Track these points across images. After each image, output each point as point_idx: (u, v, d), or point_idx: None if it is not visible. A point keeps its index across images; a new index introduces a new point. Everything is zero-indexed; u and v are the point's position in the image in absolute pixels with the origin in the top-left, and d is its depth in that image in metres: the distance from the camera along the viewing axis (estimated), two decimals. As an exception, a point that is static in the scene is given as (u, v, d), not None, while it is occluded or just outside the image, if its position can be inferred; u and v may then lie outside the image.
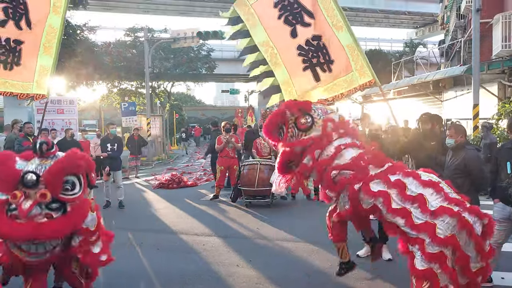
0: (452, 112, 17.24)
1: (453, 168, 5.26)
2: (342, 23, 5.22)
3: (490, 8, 16.04)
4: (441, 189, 3.83)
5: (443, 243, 3.54)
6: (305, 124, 4.46)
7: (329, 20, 5.28)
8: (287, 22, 5.52)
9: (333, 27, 5.26)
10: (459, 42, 21.30)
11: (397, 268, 5.48)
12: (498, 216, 4.86)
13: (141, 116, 22.70)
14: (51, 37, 6.32)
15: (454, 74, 16.06)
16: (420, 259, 3.60)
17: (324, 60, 5.40)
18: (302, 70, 5.52)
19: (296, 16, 5.48)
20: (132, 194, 11.67)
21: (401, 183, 3.87)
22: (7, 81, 6.36)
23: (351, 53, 5.21)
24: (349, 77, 5.25)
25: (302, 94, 5.49)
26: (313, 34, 5.43)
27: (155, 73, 29.34)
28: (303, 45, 5.48)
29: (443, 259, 3.54)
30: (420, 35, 50.85)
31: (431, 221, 3.61)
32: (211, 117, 55.86)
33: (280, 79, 5.67)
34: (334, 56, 5.34)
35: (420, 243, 3.61)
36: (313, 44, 5.44)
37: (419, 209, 3.69)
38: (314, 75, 5.47)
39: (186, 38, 21.49)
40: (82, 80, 23.25)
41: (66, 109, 15.21)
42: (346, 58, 5.24)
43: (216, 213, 9.28)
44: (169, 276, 5.50)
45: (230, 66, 42.95)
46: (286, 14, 5.51)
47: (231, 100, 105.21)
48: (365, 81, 5.17)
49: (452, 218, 3.60)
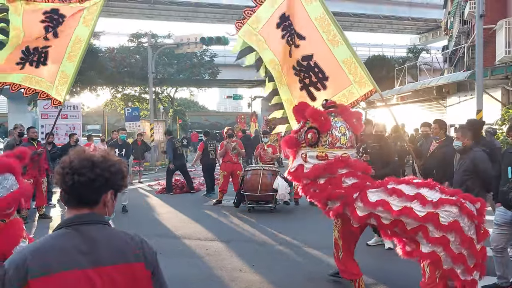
0: (455, 117, 17.19)
1: (462, 170, 5.27)
2: (339, 37, 5.22)
3: (494, 13, 16.06)
4: (435, 185, 4.15)
5: (446, 229, 3.81)
6: (308, 141, 4.61)
7: (325, 36, 5.29)
8: (287, 43, 5.63)
9: (329, 43, 5.27)
10: (462, 47, 21.30)
11: (400, 275, 5.46)
12: (499, 220, 4.86)
13: (144, 121, 22.76)
14: (77, 47, 6.76)
15: (457, 79, 16.05)
16: (425, 244, 3.88)
17: (317, 79, 5.45)
18: (299, 89, 5.64)
19: (292, 36, 5.57)
20: (136, 199, 11.67)
21: (396, 189, 4.16)
22: (33, 77, 6.88)
23: (347, 67, 5.22)
24: (348, 91, 5.27)
25: None
26: (302, 54, 5.50)
27: (158, 78, 29.41)
28: (295, 66, 5.59)
29: (446, 242, 3.80)
30: (424, 40, 50.87)
31: (434, 211, 3.88)
32: (215, 122, 56.16)
33: (284, 97, 5.84)
34: (328, 73, 5.37)
35: (424, 231, 3.88)
36: (303, 64, 5.52)
37: (420, 204, 3.96)
38: (309, 95, 5.55)
39: (189, 44, 21.59)
40: (86, 86, 23.37)
41: (70, 114, 15.26)
42: (343, 73, 5.25)
43: (219, 218, 9.28)
44: (171, 281, 5.45)
45: (233, 71, 43.03)
46: (287, 35, 5.60)
47: (234, 105, 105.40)
48: (366, 91, 5.18)
49: (453, 206, 3.89)
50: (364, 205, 4.24)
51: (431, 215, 3.88)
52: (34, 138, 9.33)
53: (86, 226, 1.67)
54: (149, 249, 1.75)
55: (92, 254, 1.60)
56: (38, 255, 1.56)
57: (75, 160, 1.68)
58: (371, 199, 4.22)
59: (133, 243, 1.72)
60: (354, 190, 4.33)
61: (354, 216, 4.33)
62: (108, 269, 1.60)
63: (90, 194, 1.68)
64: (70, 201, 1.70)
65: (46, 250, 1.59)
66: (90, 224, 1.67)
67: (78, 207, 1.69)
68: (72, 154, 1.72)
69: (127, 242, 1.71)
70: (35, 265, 1.53)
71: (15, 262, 1.56)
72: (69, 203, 1.71)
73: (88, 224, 1.67)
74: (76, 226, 1.66)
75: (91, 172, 1.66)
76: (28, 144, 9.10)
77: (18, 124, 10.33)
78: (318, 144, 4.60)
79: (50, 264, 1.54)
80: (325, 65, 5.37)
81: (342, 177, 4.45)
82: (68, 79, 6.72)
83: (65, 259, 1.57)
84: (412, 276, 5.41)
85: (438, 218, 3.85)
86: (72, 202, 1.69)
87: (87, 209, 1.69)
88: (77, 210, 1.69)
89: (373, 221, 4.32)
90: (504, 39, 14.60)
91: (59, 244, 1.61)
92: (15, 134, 9.85)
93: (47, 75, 6.83)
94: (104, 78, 25.70)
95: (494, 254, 4.93)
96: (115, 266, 1.62)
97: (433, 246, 3.85)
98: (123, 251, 1.67)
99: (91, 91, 26.23)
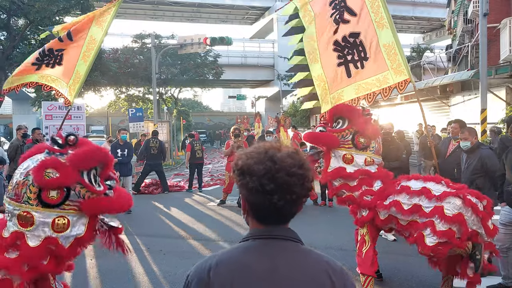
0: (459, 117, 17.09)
1: (471, 169, 5.26)
2: (385, 20, 5.17)
3: (498, 12, 15.98)
4: (441, 179, 4.30)
5: (451, 220, 3.91)
6: (359, 144, 4.68)
7: (373, 16, 5.26)
8: (335, 21, 5.64)
9: (375, 24, 5.23)
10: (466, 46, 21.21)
11: (403, 275, 5.45)
12: (504, 220, 4.84)
13: (148, 122, 22.79)
14: (91, 47, 6.96)
15: (461, 78, 15.98)
16: (431, 237, 3.96)
17: (358, 57, 5.42)
18: (337, 65, 5.60)
19: (342, 13, 5.57)
20: (139, 199, 11.69)
21: (405, 187, 4.33)
22: (49, 76, 7.15)
23: (387, 52, 5.13)
24: (383, 76, 5.18)
25: (334, 92, 5.62)
26: (350, 31, 5.46)
27: (162, 79, 29.45)
28: (339, 41, 5.55)
29: (452, 234, 3.90)
30: (427, 40, 50.77)
31: (439, 204, 4.01)
32: (218, 122, 56.23)
33: (315, 74, 5.84)
34: (369, 54, 5.34)
35: (431, 225, 3.97)
36: (349, 41, 5.47)
37: (426, 199, 4.10)
38: (346, 71, 5.53)
39: (193, 44, 21.57)
40: (90, 87, 23.41)
41: (74, 115, 15.28)
42: (382, 57, 5.19)
43: (223, 218, 9.28)
44: (175, 281, 5.50)
45: (237, 71, 43.12)
46: (336, 13, 5.63)
47: (238, 106, 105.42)
48: (400, 80, 5.06)
49: (456, 198, 4.00)
50: (381, 208, 4.40)
51: (436, 209, 4.00)
52: (38, 140, 9.35)
53: (280, 242, 1.43)
54: (349, 278, 1.46)
55: (282, 279, 1.37)
56: (223, 269, 1.38)
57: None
58: (385, 202, 4.37)
59: (331, 269, 1.43)
60: (379, 198, 4.47)
61: (377, 222, 4.52)
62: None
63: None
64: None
65: (233, 264, 1.40)
66: (284, 240, 1.44)
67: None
68: None
69: (324, 269, 1.43)
70: (218, 280, 1.36)
71: (199, 274, 1.41)
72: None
73: (281, 240, 1.44)
74: (264, 240, 1.43)
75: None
76: (32, 145, 9.11)
77: (22, 125, 10.37)
78: (367, 149, 4.66)
79: (236, 283, 1.36)
80: (368, 45, 5.35)
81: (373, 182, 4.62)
82: (80, 79, 6.87)
83: (252, 280, 1.36)
84: (408, 272, 5.41)
85: (443, 210, 3.95)
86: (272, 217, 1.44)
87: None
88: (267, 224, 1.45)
89: (394, 225, 4.44)
90: (508, 38, 14.53)
91: (248, 260, 1.40)
92: (18, 135, 9.88)
93: (62, 74, 7.08)
94: (108, 79, 25.74)
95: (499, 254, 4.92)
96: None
97: (439, 238, 3.92)
98: (319, 279, 1.40)
99: (95, 92, 26.28)
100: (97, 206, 2.95)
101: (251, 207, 1.44)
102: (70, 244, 2.92)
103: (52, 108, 14.68)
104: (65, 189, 2.84)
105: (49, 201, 2.81)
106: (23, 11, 18.06)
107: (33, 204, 2.81)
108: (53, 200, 2.81)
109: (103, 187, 3.00)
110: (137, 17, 51.02)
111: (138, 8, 45.86)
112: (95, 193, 2.92)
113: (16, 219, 2.85)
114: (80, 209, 2.90)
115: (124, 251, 3.44)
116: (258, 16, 50.33)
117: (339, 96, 5.51)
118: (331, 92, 5.60)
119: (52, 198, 2.81)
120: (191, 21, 52.83)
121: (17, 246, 2.83)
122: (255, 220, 1.46)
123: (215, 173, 18.65)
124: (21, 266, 2.82)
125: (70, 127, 14.95)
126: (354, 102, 5.37)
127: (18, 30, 19.32)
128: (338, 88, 5.55)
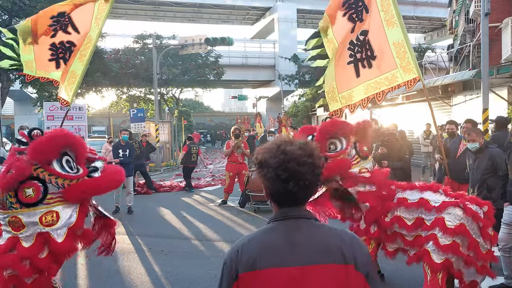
0: (461, 116, 17.04)
1: (482, 170, 5.22)
2: (396, 19, 5.15)
3: (499, 12, 15.94)
4: (438, 187, 4.16)
5: (453, 233, 3.75)
6: (366, 153, 4.36)
7: (383, 14, 5.25)
8: (351, 19, 5.66)
9: (384, 22, 5.22)
10: (468, 46, 21.17)
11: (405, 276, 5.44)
12: (508, 220, 4.83)
13: (149, 122, 22.80)
14: (87, 46, 6.95)
15: (463, 78, 15.95)
16: (437, 252, 3.79)
17: (365, 56, 5.43)
18: (347, 63, 5.63)
19: (359, 13, 5.58)
20: (141, 200, 11.70)
21: (402, 199, 4.14)
22: (51, 73, 7.17)
23: (396, 50, 5.12)
24: (392, 74, 5.18)
25: (344, 91, 5.67)
26: (362, 29, 5.50)
27: (163, 79, 29.44)
28: (354, 40, 5.58)
29: (456, 247, 3.74)
30: (429, 39, 50.67)
31: (439, 216, 3.86)
32: (219, 123, 56.21)
33: (327, 71, 5.93)
34: (376, 52, 5.33)
35: (434, 238, 3.82)
36: (359, 38, 5.51)
37: (426, 211, 3.95)
38: (355, 69, 5.55)
39: (194, 45, 21.59)
40: (91, 87, 23.43)
41: (75, 116, 15.26)
42: (390, 55, 5.17)
43: (225, 219, 9.28)
44: (177, 281, 5.50)
45: (238, 72, 43.08)
46: (351, 12, 5.65)
47: (239, 106, 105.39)
48: (410, 78, 5.04)
49: (456, 208, 3.85)
50: (383, 226, 4.19)
51: (437, 221, 3.86)
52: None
53: (294, 220, 1.62)
54: (360, 249, 1.62)
55: (298, 251, 1.55)
56: (248, 249, 1.58)
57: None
58: (387, 219, 4.17)
59: (341, 241, 1.60)
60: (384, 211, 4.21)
61: (385, 240, 4.31)
62: (313, 269, 1.53)
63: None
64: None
65: (256, 244, 1.59)
66: (298, 219, 1.62)
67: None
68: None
69: (335, 240, 1.60)
70: (244, 259, 1.56)
71: (230, 255, 1.61)
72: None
73: (296, 219, 1.62)
74: (281, 221, 1.62)
75: None
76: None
77: (24, 126, 10.38)
78: (368, 156, 4.45)
79: (259, 259, 1.54)
80: (375, 44, 5.35)
81: None
82: (76, 79, 6.80)
83: (272, 255, 1.55)
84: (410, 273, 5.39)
85: (444, 222, 3.81)
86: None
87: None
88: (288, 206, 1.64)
89: (401, 243, 4.20)
90: (510, 37, 14.50)
91: (268, 239, 1.60)
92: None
93: (61, 77, 6.99)
94: (109, 80, 25.75)
95: (502, 254, 4.90)
96: (321, 266, 1.54)
97: (445, 253, 3.76)
98: (330, 250, 1.57)
99: (97, 92, 26.30)
100: (80, 191, 2.90)
101: (271, 194, 1.64)
102: (66, 236, 2.89)
103: (54, 108, 14.67)
104: (40, 184, 2.81)
105: (28, 200, 2.80)
106: (24, 12, 18.06)
107: (17, 208, 2.82)
108: (31, 199, 2.80)
109: (83, 170, 2.96)
110: (138, 18, 51.01)
111: (139, 8, 45.86)
112: (73, 179, 2.88)
113: (8, 226, 2.88)
114: (64, 198, 2.88)
115: (110, 247, 3.40)
116: (259, 16, 50.30)
117: (349, 97, 5.57)
118: (340, 92, 5.62)
119: (30, 196, 2.79)
120: (192, 22, 52.81)
121: (15, 249, 2.84)
122: (275, 204, 1.66)
123: (217, 173, 18.64)
124: (21, 263, 2.82)
125: (72, 128, 14.94)
126: (364, 102, 5.41)
127: (19, 31, 19.33)
128: (347, 88, 5.57)
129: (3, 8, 18.43)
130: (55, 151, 2.86)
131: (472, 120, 6.88)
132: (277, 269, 1.53)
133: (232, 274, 1.57)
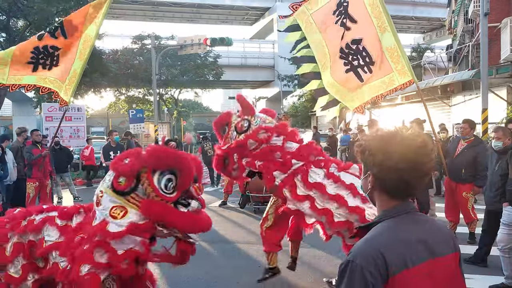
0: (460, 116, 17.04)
1: (503, 170, 5.05)
2: (387, 24, 5.39)
3: (498, 12, 15.95)
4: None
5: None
6: (242, 127, 4.68)
7: (375, 21, 5.45)
8: (343, 25, 5.74)
9: (378, 29, 5.43)
10: (467, 46, 21.18)
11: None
12: (507, 220, 4.80)
13: (148, 123, 22.79)
14: (86, 45, 6.97)
15: (462, 78, 15.96)
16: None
17: (364, 62, 5.58)
18: (345, 72, 5.75)
19: (345, 20, 5.71)
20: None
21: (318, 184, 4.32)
22: (47, 77, 7.09)
23: (390, 55, 5.37)
24: (389, 78, 5.42)
25: (354, 92, 5.73)
26: (352, 38, 5.64)
27: (162, 80, 29.45)
28: (343, 48, 5.71)
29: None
30: (428, 40, 50.72)
31: (361, 206, 4.08)
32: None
33: (325, 81, 5.97)
34: (374, 58, 5.51)
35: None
36: (351, 47, 5.65)
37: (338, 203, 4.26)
38: (357, 76, 5.68)
39: (192, 45, 21.55)
40: (90, 88, 23.39)
41: (74, 117, 15.26)
42: (385, 60, 5.40)
43: (224, 219, 9.25)
44: (176, 282, 5.48)
45: (237, 72, 43.09)
46: (342, 18, 5.74)
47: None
48: (405, 81, 5.34)
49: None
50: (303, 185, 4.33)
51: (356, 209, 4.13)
52: (38, 141, 9.35)
53: (412, 214, 1.63)
54: (456, 238, 1.73)
55: (429, 244, 1.57)
56: (392, 249, 1.50)
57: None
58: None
59: (448, 230, 1.74)
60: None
61: (293, 193, 4.30)
62: (442, 260, 1.58)
63: None
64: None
65: (396, 242, 1.53)
66: (415, 213, 1.64)
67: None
68: None
69: (445, 229, 1.72)
70: (393, 260, 1.48)
71: (367, 260, 1.48)
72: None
73: (413, 212, 1.64)
74: (403, 216, 1.60)
75: None
76: (32, 147, 9.13)
77: (23, 127, 10.35)
78: None
79: (406, 257, 1.50)
80: (372, 50, 5.52)
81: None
82: (76, 78, 6.84)
83: (414, 251, 1.53)
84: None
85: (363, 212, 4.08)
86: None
87: None
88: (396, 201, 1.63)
89: (307, 206, 4.34)
90: (509, 37, 14.50)
91: (403, 236, 1.55)
92: (22, 138, 9.79)
93: (59, 75, 7.01)
94: (108, 80, 25.71)
95: (502, 254, 4.89)
96: (448, 256, 1.60)
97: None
98: (448, 240, 1.65)
99: (95, 93, 26.27)
100: (156, 211, 2.85)
101: (382, 183, 1.60)
102: (120, 233, 2.79)
103: (53, 109, 14.65)
104: (134, 180, 2.87)
105: (117, 186, 2.89)
106: (22, 12, 18.03)
107: (109, 187, 2.94)
108: (120, 186, 2.89)
109: (174, 195, 2.90)
110: (137, 18, 50.98)
111: (138, 9, 45.85)
112: (159, 196, 2.85)
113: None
114: (140, 207, 2.87)
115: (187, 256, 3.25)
116: (258, 16, 50.32)
117: (359, 96, 5.72)
118: (351, 91, 5.73)
119: (120, 184, 2.88)
120: (191, 22, 52.83)
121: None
122: (385, 194, 1.62)
123: (216, 174, 18.60)
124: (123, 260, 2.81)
125: (70, 129, 14.94)
126: (366, 105, 5.66)
127: (17, 32, 19.29)
128: (355, 89, 5.71)
129: (0, 9, 18.39)
130: (164, 164, 2.87)
131: (470, 120, 6.83)
132: (423, 264, 1.53)
133: (380, 280, 1.47)
